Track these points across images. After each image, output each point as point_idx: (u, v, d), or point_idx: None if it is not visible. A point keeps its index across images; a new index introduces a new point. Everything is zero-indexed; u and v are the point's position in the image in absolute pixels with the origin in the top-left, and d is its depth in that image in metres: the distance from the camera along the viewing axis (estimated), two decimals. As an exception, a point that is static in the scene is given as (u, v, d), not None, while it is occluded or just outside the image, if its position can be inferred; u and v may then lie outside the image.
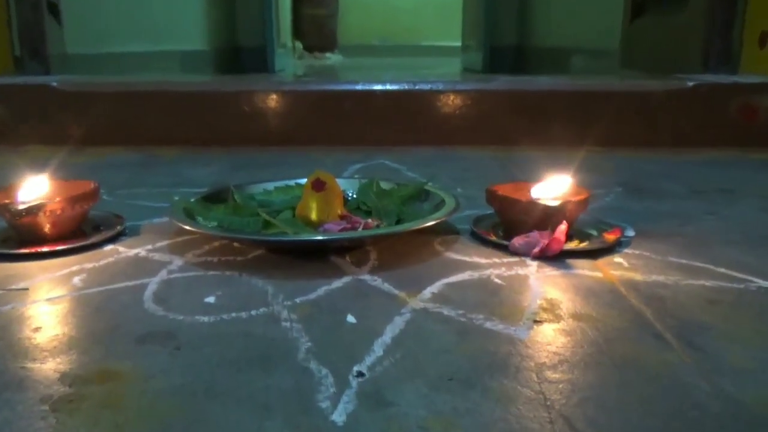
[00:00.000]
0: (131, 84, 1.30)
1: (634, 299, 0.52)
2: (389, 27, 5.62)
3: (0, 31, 1.62)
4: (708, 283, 0.56)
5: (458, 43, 3.65)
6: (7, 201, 0.63)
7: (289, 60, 3.89)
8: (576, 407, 0.37)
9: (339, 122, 1.25)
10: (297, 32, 4.77)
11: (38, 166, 0.68)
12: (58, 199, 0.64)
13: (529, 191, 0.66)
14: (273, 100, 1.25)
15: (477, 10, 3.27)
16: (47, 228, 0.64)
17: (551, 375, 0.41)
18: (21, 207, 0.62)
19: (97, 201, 0.69)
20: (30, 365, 0.42)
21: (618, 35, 1.97)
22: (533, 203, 0.64)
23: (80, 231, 0.68)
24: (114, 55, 2.10)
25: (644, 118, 1.24)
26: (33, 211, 0.63)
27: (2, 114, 1.23)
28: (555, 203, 0.63)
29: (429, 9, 5.46)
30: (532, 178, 0.70)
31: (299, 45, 4.70)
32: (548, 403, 0.38)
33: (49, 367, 0.42)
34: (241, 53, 3.45)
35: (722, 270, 0.59)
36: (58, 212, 0.64)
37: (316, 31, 4.82)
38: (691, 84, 1.22)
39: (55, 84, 1.27)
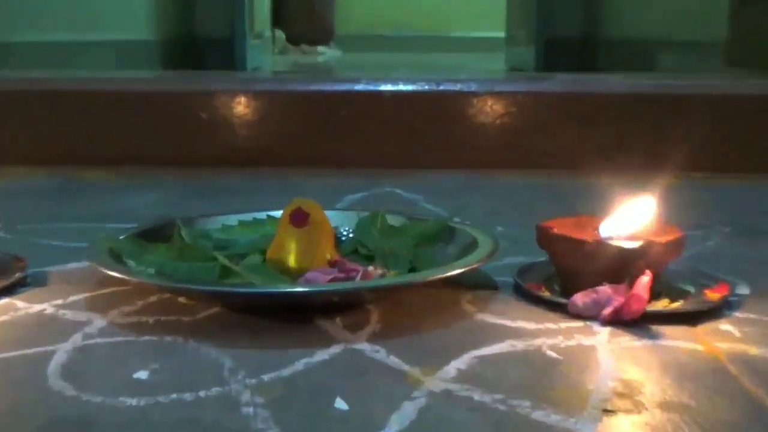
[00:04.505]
0: (46, 82, 1.32)
1: (749, 382, 0.51)
2: (406, 12, 5.69)
3: None
4: None
5: (501, 34, 3.69)
6: None
7: (267, 56, 3.94)
8: None
9: (332, 135, 1.26)
10: (278, 18, 4.84)
11: None
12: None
13: (596, 229, 0.66)
14: (241, 105, 1.26)
15: (527, -11, 3.32)
16: None
17: (629, 487, 0.39)
18: None
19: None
20: None
21: (723, 25, 1.98)
22: (603, 245, 0.63)
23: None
24: (29, 44, 2.13)
25: (754, 133, 1.23)
26: None
27: None
28: (634, 245, 0.63)
29: (461, -12, 5.54)
30: (598, 212, 0.69)
31: (281, 35, 4.77)
32: None
33: None
34: (200, 45, 3.50)
35: None
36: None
37: (304, 17, 4.89)
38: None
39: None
